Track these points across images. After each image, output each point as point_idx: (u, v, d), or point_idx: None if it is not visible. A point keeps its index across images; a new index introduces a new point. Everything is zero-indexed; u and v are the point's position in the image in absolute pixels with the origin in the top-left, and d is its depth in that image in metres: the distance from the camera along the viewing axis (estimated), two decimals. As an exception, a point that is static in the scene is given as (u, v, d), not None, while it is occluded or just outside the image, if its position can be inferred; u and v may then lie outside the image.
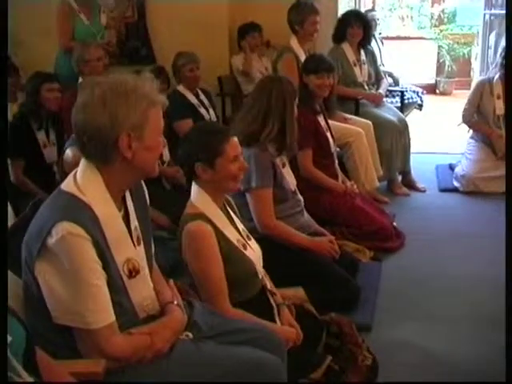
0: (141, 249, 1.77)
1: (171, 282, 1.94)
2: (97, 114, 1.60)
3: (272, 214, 2.88)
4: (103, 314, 1.60)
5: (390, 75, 6.13)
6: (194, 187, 2.25)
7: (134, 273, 1.70)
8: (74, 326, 1.61)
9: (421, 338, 2.76)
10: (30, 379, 1.30)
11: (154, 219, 2.86)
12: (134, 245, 1.73)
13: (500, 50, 4.81)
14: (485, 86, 4.75)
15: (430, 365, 2.57)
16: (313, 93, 3.72)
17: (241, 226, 2.32)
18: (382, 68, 6.03)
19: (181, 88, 4.28)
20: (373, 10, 7.40)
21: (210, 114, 4.33)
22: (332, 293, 2.81)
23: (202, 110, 4.29)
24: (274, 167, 2.96)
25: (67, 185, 1.68)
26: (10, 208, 2.96)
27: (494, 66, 5.58)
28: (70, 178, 1.69)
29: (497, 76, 4.73)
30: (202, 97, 4.36)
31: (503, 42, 5.77)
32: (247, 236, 2.31)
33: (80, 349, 1.64)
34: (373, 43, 6.35)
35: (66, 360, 1.60)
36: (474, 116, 4.86)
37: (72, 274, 1.57)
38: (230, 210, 2.32)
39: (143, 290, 1.75)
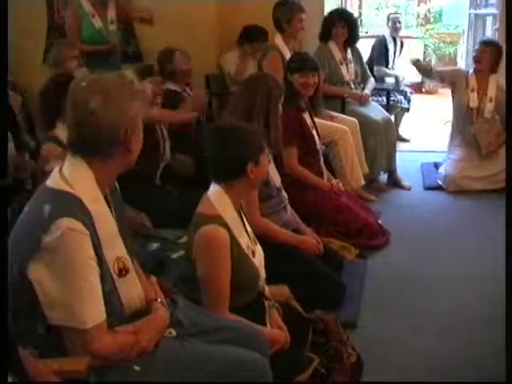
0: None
1: (153, 278, 1.92)
2: (107, 112, 1.61)
3: (258, 211, 2.88)
4: (97, 313, 1.59)
5: (396, 78, 6.21)
6: (215, 187, 2.20)
7: (123, 271, 1.69)
8: (66, 326, 1.59)
9: (405, 335, 2.78)
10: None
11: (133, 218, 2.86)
12: None
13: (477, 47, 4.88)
14: (461, 77, 4.82)
15: (415, 362, 2.58)
16: (297, 91, 3.73)
17: (249, 229, 2.30)
18: (389, 71, 6.21)
19: (172, 85, 4.28)
20: (396, 12, 7.60)
21: None
22: (317, 290, 2.82)
23: None
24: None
25: (54, 181, 1.65)
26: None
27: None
28: (55, 174, 1.67)
29: (471, 70, 4.79)
30: (188, 90, 4.40)
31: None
32: (254, 240, 2.29)
33: (67, 347, 1.62)
34: (391, 45, 6.38)
35: (50, 359, 1.59)
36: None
37: (70, 272, 1.54)
38: (241, 213, 2.29)
39: (132, 289, 1.74)
